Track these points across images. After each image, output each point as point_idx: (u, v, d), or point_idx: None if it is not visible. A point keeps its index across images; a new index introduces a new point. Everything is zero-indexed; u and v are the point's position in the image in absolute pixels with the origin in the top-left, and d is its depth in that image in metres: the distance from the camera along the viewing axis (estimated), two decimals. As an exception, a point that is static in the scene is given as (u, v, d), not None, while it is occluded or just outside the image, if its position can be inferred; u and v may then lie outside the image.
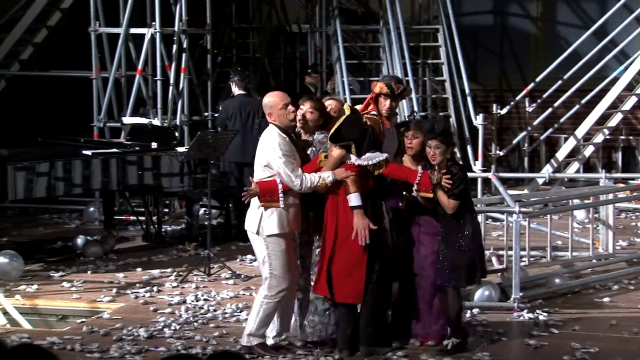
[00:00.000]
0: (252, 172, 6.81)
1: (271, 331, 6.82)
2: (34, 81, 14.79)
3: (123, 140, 11.05)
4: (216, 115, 11.19)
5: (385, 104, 6.96)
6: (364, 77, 14.16)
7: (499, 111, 13.30)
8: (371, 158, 6.62)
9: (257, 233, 6.63)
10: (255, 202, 6.66)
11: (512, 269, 7.91)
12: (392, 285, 6.83)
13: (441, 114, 13.94)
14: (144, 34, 11.79)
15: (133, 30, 11.97)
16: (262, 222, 6.60)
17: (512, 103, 14.11)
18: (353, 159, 6.61)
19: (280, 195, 6.55)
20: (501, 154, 13.52)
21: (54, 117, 14.03)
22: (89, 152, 9.93)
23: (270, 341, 6.79)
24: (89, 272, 9.33)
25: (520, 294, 7.82)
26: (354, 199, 6.55)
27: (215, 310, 7.91)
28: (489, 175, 10.22)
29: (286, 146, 6.60)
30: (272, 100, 6.72)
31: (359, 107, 7.12)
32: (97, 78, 12.03)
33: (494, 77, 15.35)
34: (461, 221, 6.70)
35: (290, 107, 6.67)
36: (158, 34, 11.65)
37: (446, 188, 6.65)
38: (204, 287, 8.72)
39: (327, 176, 6.58)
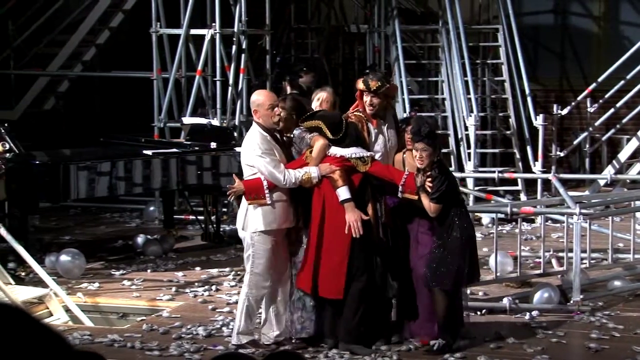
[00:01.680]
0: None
1: (272, 331, 6.84)
2: (96, 82, 15.02)
3: (183, 140, 11.15)
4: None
5: (365, 100, 6.89)
6: (423, 77, 14.10)
7: (559, 112, 13.15)
8: (354, 152, 6.60)
9: (243, 228, 6.67)
10: (245, 200, 6.70)
11: (572, 271, 7.81)
12: (390, 283, 6.73)
13: (500, 114, 13.83)
14: (204, 35, 11.89)
15: (193, 31, 12.08)
16: (247, 218, 6.64)
17: (573, 103, 13.94)
18: (335, 150, 6.58)
19: (266, 192, 6.58)
20: (562, 154, 13.36)
21: (116, 117, 14.24)
22: (149, 152, 10.03)
23: (264, 338, 6.83)
24: (148, 270, 9.43)
25: (581, 296, 7.72)
26: (342, 193, 6.52)
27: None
28: (549, 176, 10.11)
29: (265, 144, 6.61)
30: (260, 98, 6.74)
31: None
32: (157, 79, 12.15)
33: (555, 77, 15.17)
34: (446, 224, 6.60)
35: (277, 110, 6.67)
36: (218, 34, 11.73)
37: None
38: (262, 286, 8.75)
39: (312, 171, 6.57)
